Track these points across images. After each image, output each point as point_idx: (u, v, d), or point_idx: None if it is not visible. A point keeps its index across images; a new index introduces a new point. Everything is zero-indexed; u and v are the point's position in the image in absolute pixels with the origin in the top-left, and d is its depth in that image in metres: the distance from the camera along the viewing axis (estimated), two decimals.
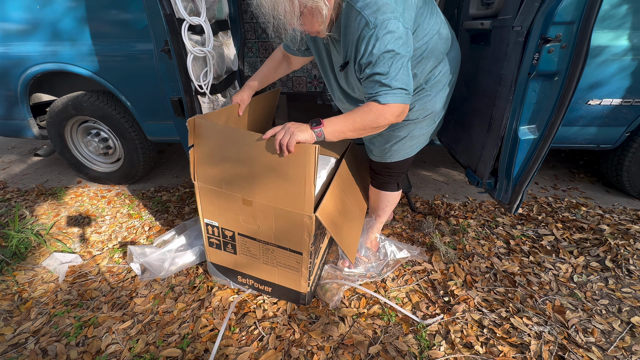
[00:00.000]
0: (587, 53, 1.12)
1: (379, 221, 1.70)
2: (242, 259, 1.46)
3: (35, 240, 1.86)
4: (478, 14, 1.64)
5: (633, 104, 1.83)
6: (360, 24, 1.02)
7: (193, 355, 1.27)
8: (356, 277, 1.61)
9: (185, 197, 2.36)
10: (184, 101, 1.52)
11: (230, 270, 1.53)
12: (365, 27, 1.01)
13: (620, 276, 1.63)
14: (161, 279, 1.62)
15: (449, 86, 1.33)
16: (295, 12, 1.00)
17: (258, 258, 1.42)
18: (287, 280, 1.43)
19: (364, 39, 1.02)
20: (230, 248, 1.46)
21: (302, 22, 1.05)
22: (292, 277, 1.40)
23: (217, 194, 1.32)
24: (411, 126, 1.34)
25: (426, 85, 1.26)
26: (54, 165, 2.91)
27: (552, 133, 1.27)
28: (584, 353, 1.27)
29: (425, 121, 1.34)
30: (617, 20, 1.66)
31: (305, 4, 0.99)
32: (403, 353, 1.28)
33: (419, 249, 1.78)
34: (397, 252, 1.73)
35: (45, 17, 1.93)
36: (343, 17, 1.08)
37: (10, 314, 1.48)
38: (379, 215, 1.67)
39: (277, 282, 1.46)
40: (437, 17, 1.19)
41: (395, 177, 1.53)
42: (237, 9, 1.92)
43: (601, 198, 2.31)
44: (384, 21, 1.00)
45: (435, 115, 1.34)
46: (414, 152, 1.44)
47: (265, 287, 1.50)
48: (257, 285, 1.52)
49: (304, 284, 1.40)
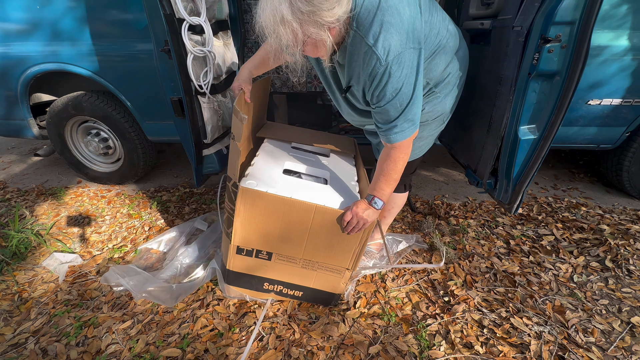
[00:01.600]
0: (587, 53, 1.12)
1: (383, 222, 1.69)
2: (277, 265, 1.37)
3: (35, 240, 1.86)
4: (478, 14, 1.64)
5: (633, 104, 1.82)
6: (371, 59, 1.00)
7: (193, 355, 1.27)
8: (366, 271, 1.64)
9: (185, 197, 2.36)
10: (184, 101, 1.52)
11: (255, 277, 1.41)
12: (377, 63, 0.99)
13: (620, 276, 1.63)
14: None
15: (458, 87, 1.32)
16: (298, 44, 0.99)
17: (297, 262, 1.36)
18: (325, 283, 1.39)
19: (377, 75, 1.02)
20: (264, 255, 1.35)
21: (305, 50, 1.03)
22: (331, 280, 1.37)
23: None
24: (420, 128, 1.30)
25: (436, 89, 1.26)
26: (54, 165, 2.91)
27: (552, 133, 1.27)
28: (584, 353, 1.27)
29: (435, 122, 1.34)
30: (617, 20, 1.66)
31: (309, 35, 0.97)
32: (403, 353, 1.28)
33: (416, 236, 1.81)
34: (397, 245, 1.76)
35: (45, 17, 1.93)
36: (349, 45, 1.05)
37: (10, 314, 1.48)
38: (385, 216, 1.65)
39: (311, 286, 1.41)
40: (441, 12, 1.18)
41: (402, 179, 1.52)
42: (237, 9, 1.92)
43: (601, 198, 2.31)
44: (396, 57, 0.98)
45: (445, 116, 1.34)
46: (422, 152, 1.44)
47: (296, 292, 1.44)
48: (285, 291, 1.44)
49: (342, 285, 1.38)
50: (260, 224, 1.26)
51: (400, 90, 1.03)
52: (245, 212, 1.23)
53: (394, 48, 0.98)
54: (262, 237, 1.29)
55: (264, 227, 1.26)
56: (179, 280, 1.59)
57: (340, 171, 1.53)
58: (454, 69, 1.25)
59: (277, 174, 1.37)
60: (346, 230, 1.22)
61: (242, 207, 1.23)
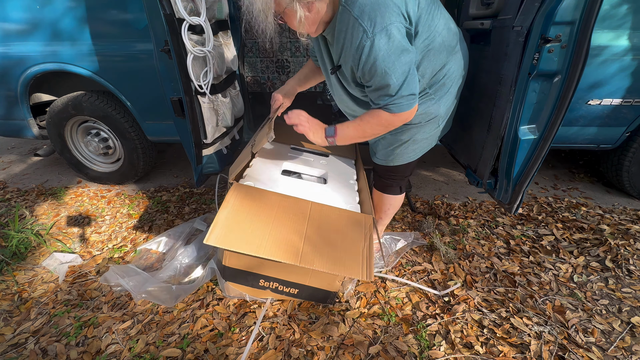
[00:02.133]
0: (587, 53, 1.12)
1: (380, 223, 1.69)
2: (274, 264, 1.34)
3: (35, 240, 1.86)
4: (478, 14, 1.64)
5: (633, 104, 1.82)
6: (357, 31, 0.99)
7: (193, 355, 1.27)
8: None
9: (185, 197, 2.36)
10: (184, 101, 1.51)
11: (251, 274, 1.41)
12: (363, 35, 0.98)
13: (621, 276, 1.63)
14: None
15: (456, 90, 1.29)
16: (268, 13, 1.02)
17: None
18: (320, 281, 1.38)
19: (364, 49, 0.99)
20: None
21: (283, 20, 1.08)
22: (327, 277, 1.36)
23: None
24: (414, 130, 1.30)
25: (430, 90, 1.23)
26: (53, 165, 2.91)
27: (552, 133, 1.27)
28: (584, 353, 1.27)
29: (429, 125, 1.30)
30: (617, 20, 1.66)
31: (284, 6, 1.02)
32: (403, 353, 1.28)
33: (414, 234, 1.81)
34: (395, 244, 1.76)
35: (45, 17, 1.93)
36: (338, 20, 1.06)
37: (10, 314, 1.48)
38: (381, 217, 1.65)
39: (307, 284, 1.40)
40: (442, 9, 1.18)
41: (398, 181, 1.52)
42: (237, 9, 1.92)
43: (601, 198, 2.31)
44: (383, 29, 0.97)
45: (439, 119, 1.30)
46: (417, 156, 1.41)
47: (291, 289, 1.43)
48: (281, 288, 1.43)
49: (337, 283, 1.37)
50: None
51: (391, 64, 1.00)
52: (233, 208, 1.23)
53: (381, 20, 0.97)
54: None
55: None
56: (179, 280, 1.59)
57: (339, 171, 1.53)
58: (451, 70, 1.23)
59: (276, 175, 1.37)
60: (286, 118, 1.27)
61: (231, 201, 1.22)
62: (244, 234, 1.18)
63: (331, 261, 1.18)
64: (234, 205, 1.25)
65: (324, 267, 1.16)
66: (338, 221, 1.29)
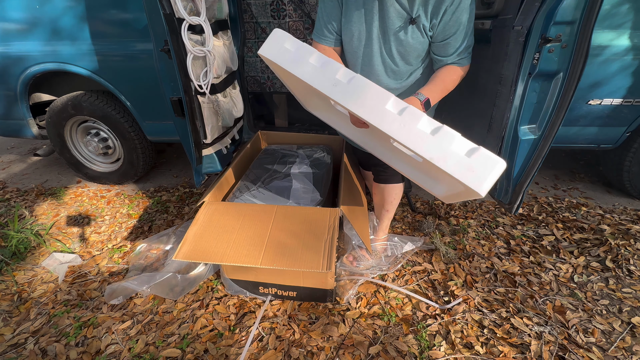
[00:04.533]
0: (587, 53, 1.12)
1: (387, 217, 1.68)
2: (266, 270, 1.41)
3: (34, 240, 1.86)
4: (478, 13, 1.63)
5: (633, 104, 1.82)
6: None
7: (193, 356, 1.27)
8: (368, 271, 1.64)
9: (184, 197, 2.35)
10: (184, 101, 1.51)
11: (251, 283, 1.48)
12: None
13: (621, 276, 1.63)
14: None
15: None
16: None
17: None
18: (314, 281, 1.41)
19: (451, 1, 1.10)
20: None
21: None
22: (318, 276, 1.39)
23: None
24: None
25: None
26: (53, 165, 2.91)
27: (552, 133, 1.27)
28: (584, 353, 1.27)
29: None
30: (618, 20, 1.66)
31: None
32: (403, 353, 1.28)
33: (422, 239, 1.83)
34: (403, 245, 1.77)
35: (44, 16, 1.93)
36: None
37: (9, 314, 1.48)
38: (387, 210, 1.64)
39: (302, 285, 1.44)
40: None
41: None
42: (237, 9, 1.92)
43: (601, 198, 2.31)
44: None
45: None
46: None
47: (290, 293, 1.47)
48: (280, 292, 1.48)
49: (330, 280, 1.40)
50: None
51: (470, 18, 1.14)
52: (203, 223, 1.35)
53: None
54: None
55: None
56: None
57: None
58: None
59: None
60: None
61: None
62: (208, 245, 1.29)
63: (292, 259, 1.25)
64: (202, 222, 1.38)
65: (285, 265, 1.23)
66: (302, 219, 1.38)
